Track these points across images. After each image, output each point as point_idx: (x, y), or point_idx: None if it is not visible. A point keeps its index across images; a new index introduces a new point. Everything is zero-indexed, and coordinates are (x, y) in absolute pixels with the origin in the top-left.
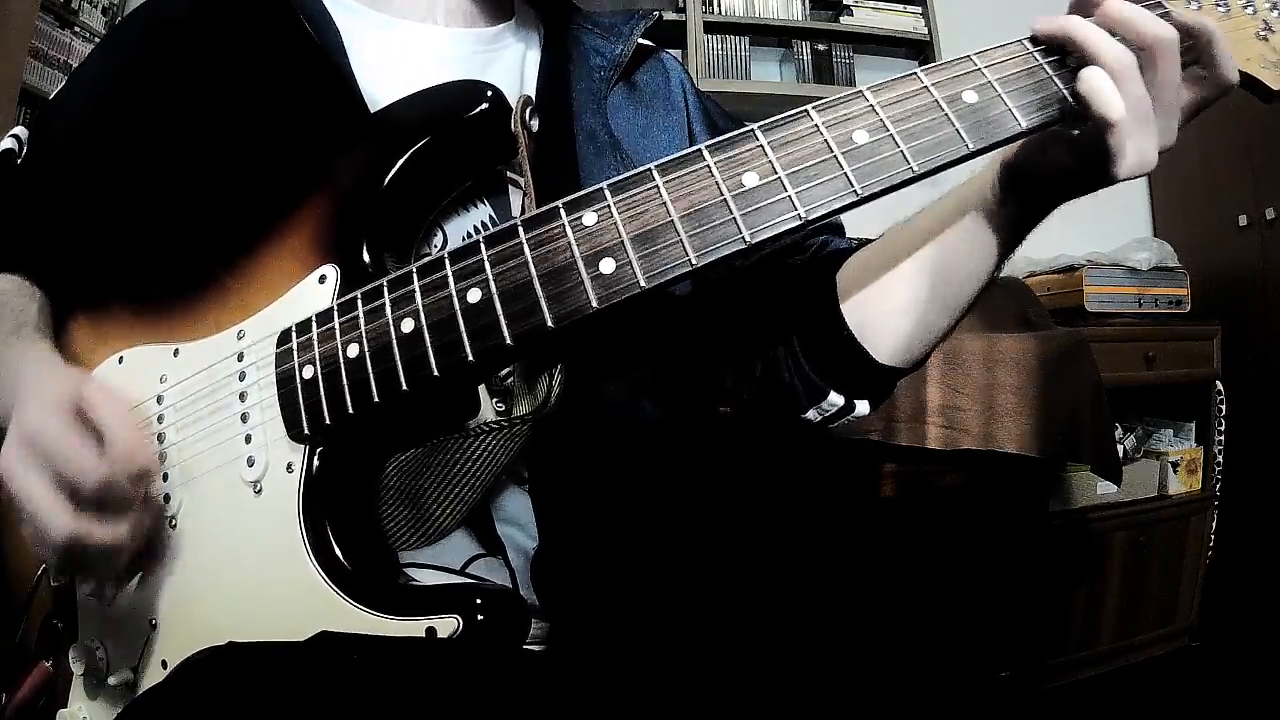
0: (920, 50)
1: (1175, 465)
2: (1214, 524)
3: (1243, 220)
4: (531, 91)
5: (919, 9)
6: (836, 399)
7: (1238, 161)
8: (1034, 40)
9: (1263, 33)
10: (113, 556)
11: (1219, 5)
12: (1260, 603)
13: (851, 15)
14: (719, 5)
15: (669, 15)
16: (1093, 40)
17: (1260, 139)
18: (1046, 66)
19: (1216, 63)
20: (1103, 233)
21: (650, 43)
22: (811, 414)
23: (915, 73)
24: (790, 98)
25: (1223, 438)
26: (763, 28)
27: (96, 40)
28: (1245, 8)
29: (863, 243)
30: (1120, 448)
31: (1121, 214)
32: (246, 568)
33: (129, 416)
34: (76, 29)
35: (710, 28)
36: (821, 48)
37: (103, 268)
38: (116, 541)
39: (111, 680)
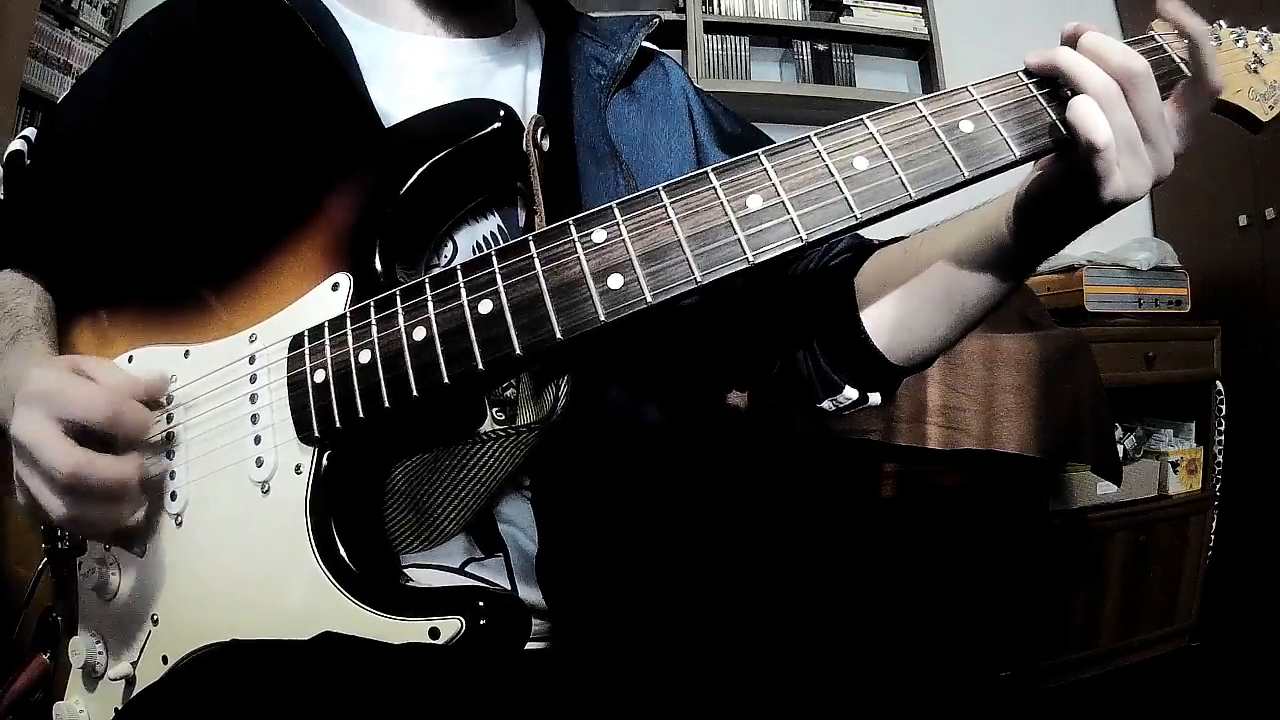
0: (920, 50)
1: (1175, 465)
2: (1214, 524)
3: (1243, 220)
4: (534, 102)
5: (919, 9)
6: (851, 393)
7: (1238, 161)
8: (1028, 72)
9: (1253, 65)
10: (117, 503)
11: (1211, 39)
12: (1260, 603)
13: (851, 15)
14: (719, 5)
15: (669, 15)
16: (1080, 69)
17: (1260, 139)
18: (1040, 97)
19: (1204, 68)
20: (1103, 233)
21: (651, 45)
22: (827, 404)
23: (914, 102)
24: (790, 98)
25: (1223, 438)
26: (763, 28)
27: (96, 40)
28: (1237, 41)
29: (877, 243)
30: (1120, 448)
31: (1121, 214)
32: (251, 566)
33: (120, 370)
34: (76, 29)
35: (710, 28)
36: (821, 48)
37: (112, 269)
38: (121, 476)
39: (110, 674)
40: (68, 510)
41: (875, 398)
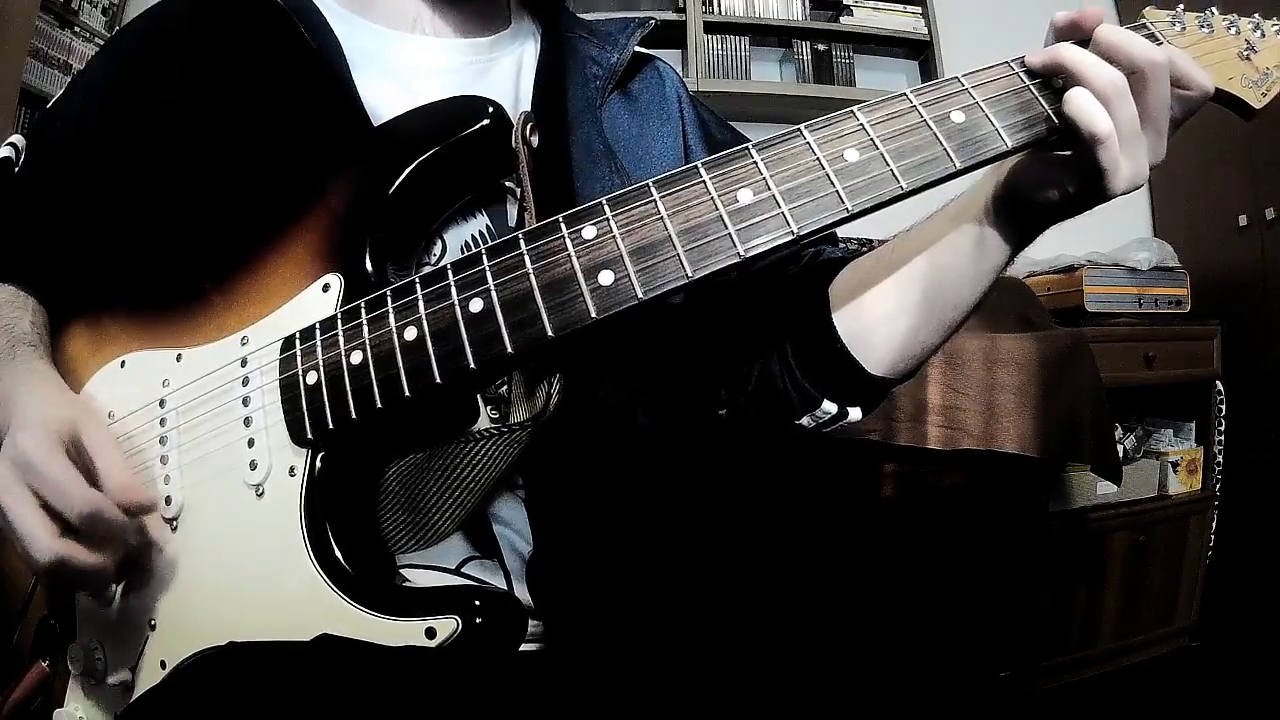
0: (920, 50)
1: (1175, 465)
2: (1214, 524)
3: (1243, 220)
4: (527, 101)
5: (919, 9)
6: (830, 407)
7: (1238, 161)
8: (1021, 64)
9: (1245, 53)
10: (99, 579)
11: (1203, 27)
12: (1260, 603)
13: (851, 15)
14: (719, 5)
15: (669, 15)
16: (1084, 65)
17: (1260, 139)
18: (1032, 87)
19: (1191, 79)
20: (1103, 233)
21: (646, 50)
22: (805, 421)
23: (905, 93)
24: (790, 98)
25: (1223, 438)
26: (763, 28)
27: (96, 41)
28: (1229, 29)
29: (855, 252)
30: (1120, 448)
31: (1121, 214)
32: (247, 569)
33: (123, 455)
34: (76, 29)
35: (710, 28)
36: (821, 48)
37: (103, 275)
38: (101, 568)
39: (109, 680)
40: (51, 582)
41: (855, 413)
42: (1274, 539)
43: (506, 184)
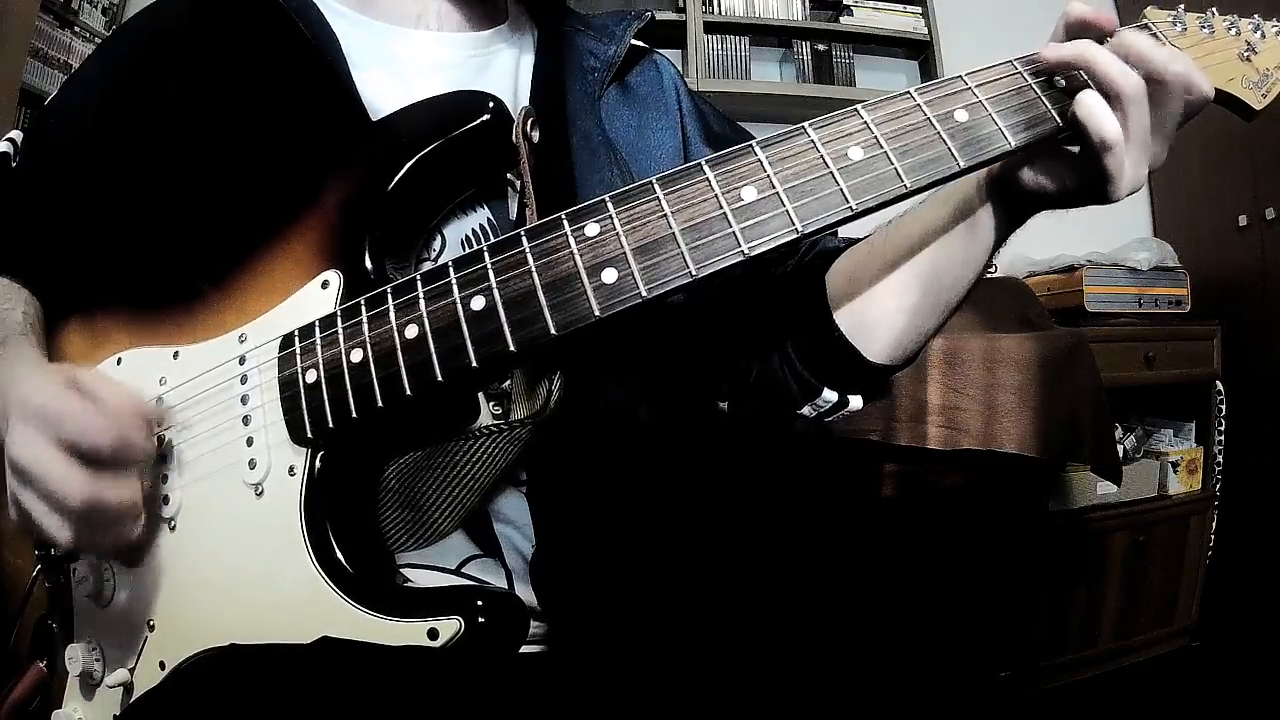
0: (920, 50)
1: (1175, 465)
2: (1214, 524)
3: (1243, 220)
4: (526, 95)
5: (919, 9)
6: (830, 395)
7: (1238, 161)
8: (1026, 62)
9: (1245, 54)
10: (125, 520)
11: (1204, 27)
12: (1260, 603)
13: (851, 15)
14: (719, 5)
15: (669, 15)
16: (1108, 68)
17: (1261, 140)
18: (1035, 87)
19: (1192, 83)
20: (1103, 233)
21: (643, 44)
22: (807, 410)
23: (909, 91)
24: (790, 98)
25: (1223, 438)
26: (763, 28)
27: (96, 40)
28: (1229, 30)
29: (851, 242)
30: (1120, 448)
31: (1121, 214)
32: (247, 569)
33: (120, 387)
34: (76, 29)
35: (710, 28)
36: (821, 48)
37: (99, 272)
38: (132, 499)
39: (108, 681)
40: (75, 535)
41: (856, 401)
42: (1274, 539)
43: (507, 176)
